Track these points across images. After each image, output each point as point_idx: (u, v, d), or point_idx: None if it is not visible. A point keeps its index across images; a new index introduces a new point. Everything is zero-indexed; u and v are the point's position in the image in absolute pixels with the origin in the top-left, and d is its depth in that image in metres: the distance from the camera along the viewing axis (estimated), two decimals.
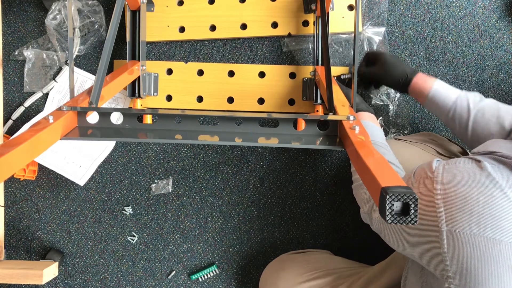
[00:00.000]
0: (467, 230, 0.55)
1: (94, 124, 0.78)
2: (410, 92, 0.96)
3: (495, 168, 0.58)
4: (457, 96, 0.89)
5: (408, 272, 0.75)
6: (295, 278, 1.00)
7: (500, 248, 0.53)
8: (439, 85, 0.92)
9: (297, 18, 1.13)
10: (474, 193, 0.56)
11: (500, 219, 0.54)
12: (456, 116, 0.88)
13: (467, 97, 0.88)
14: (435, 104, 0.91)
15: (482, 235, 0.54)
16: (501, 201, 0.54)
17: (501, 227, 0.54)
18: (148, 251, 1.21)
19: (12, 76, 1.19)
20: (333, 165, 1.18)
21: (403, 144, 1.00)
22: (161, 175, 1.20)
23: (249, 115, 0.76)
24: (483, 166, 0.58)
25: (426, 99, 0.92)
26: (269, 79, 1.15)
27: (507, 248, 0.53)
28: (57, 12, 1.13)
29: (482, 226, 0.54)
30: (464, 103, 0.87)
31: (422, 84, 0.93)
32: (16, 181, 1.20)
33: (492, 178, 0.56)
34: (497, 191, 0.55)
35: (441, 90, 0.91)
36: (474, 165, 0.60)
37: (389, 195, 0.48)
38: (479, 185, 0.57)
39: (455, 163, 0.62)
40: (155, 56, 1.18)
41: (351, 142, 0.66)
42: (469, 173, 0.59)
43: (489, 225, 0.54)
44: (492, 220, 0.54)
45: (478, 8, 1.15)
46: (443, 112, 0.90)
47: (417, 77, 0.94)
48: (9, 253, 1.22)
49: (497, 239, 0.53)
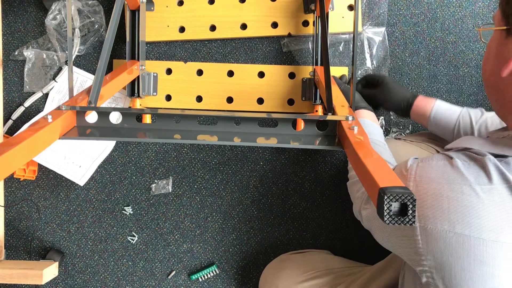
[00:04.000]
0: (438, 226, 0.56)
1: (93, 123, 0.78)
2: (412, 115, 0.99)
3: (465, 165, 0.58)
4: (459, 113, 0.92)
5: (405, 270, 0.76)
6: (294, 278, 1.00)
7: (470, 243, 0.54)
8: (439, 105, 0.94)
9: (297, 18, 1.13)
10: (444, 190, 0.57)
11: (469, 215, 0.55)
12: (461, 133, 0.90)
13: (468, 113, 0.91)
14: (439, 124, 0.94)
15: (453, 231, 0.55)
16: (469, 197, 0.55)
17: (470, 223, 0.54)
18: (148, 251, 1.21)
19: (12, 76, 1.19)
20: (333, 165, 1.18)
21: (403, 143, 1.00)
22: (161, 175, 1.20)
23: (248, 115, 0.76)
24: (454, 163, 0.59)
25: (429, 121, 0.95)
26: (268, 79, 1.15)
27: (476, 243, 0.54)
28: (57, 12, 1.14)
29: (452, 223, 0.55)
30: (467, 119, 0.90)
31: (423, 107, 0.96)
32: (16, 181, 1.20)
33: (462, 175, 0.57)
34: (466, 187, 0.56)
35: (443, 110, 0.94)
36: (446, 162, 0.61)
37: (387, 195, 0.48)
38: (449, 182, 0.57)
39: (429, 160, 0.63)
40: (155, 56, 1.18)
41: (350, 143, 0.66)
42: (440, 170, 0.60)
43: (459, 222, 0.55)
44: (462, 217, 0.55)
45: (478, 8, 1.15)
46: (448, 131, 0.93)
47: (417, 100, 0.97)
48: (9, 253, 1.22)
49: (466, 234, 0.54)
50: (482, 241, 0.54)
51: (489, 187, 0.55)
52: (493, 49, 0.63)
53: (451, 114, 0.92)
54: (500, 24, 0.61)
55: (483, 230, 0.54)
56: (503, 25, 0.60)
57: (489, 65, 0.64)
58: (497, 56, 0.62)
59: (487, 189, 0.55)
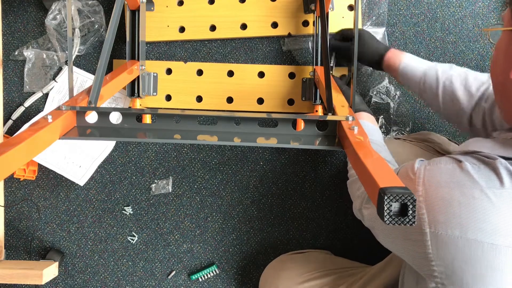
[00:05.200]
0: (449, 232, 0.55)
1: (93, 123, 0.78)
2: (383, 67, 0.99)
3: (475, 168, 0.57)
4: (427, 67, 0.90)
5: (405, 270, 0.75)
6: (295, 278, 1.00)
7: (482, 249, 0.53)
8: (409, 57, 0.94)
9: (297, 18, 1.13)
10: (455, 195, 0.56)
11: (481, 220, 0.53)
12: (427, 86, 0.89)
13: (436, 67, 0.89)
14: (406, 76, 0.93)
15: (464, 236, 0.54)
16: (481, 202, 0.54)
17: (482, 229, 0.53)
18: (148, 251, 1.21)
19: (12, 76, 1.19)
20: (333, 165, 1.18)
21: (402, 143, 1.01)
22: (161, 175, 1.20)
23: (248, 115, 0.76)
24: (464, 167, 0.58)
25: (398, 72, 0.94)
26: (268, 79, 1.15)
27: (489, 249, 0.53)
28: (57, 12, 1.14)
29: (464, 228, 0.54)
30: (433, 72, 0.89)
31: (393, 58, 0.95)
32: (16, 181, 1.20)
33: (472, 178, 0.56)
34: (477, 192, 0.54)
35: (412, 61, 0.93)
36: (455, 165, 0.59)
37: (387, 195, 0.48)
38: (460, 186, 0.56)
39: (436, 163, 0.62)
40: (155, 56, 1.18)
41: (350, 143, 0.66)
42: (450, 174, 0.58)
43: (470, 227, 0.54)
44: (473, 222, 0.54)
45: (478, 8, 1.15)
46: (414, 83, 0.92)
47: (389, 52, 0.97)
48: (9, 253, 1.22)
49: (478, 240, 0.53)
50: (495, 247, 0.52)
51: (501, 191, 0.54)
52: (502, 49, 0.61)
53: (419, 67, 0.91)
54: (509, 25, 0.60)
55: (496, 236, 0.52)
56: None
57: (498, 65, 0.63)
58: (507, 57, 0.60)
59: (499, 193, 0.54)
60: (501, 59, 0.62)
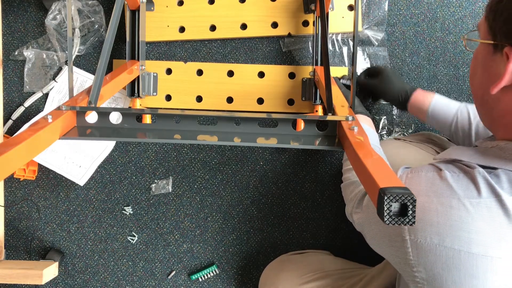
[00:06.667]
0: (428, 240, 0.55)
1: (93, 123, 0.78)
2: (409, 108, 0.98)
3: (455, 177, 0.57)
4: (457, 108, 0.90)
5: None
6: (295, 280, 1.00)
7: (460, 257, 0.53)
8: (438, 99, 0.93)
9: (297, 18, 1.13)
10: (433, 203, 0.56)
11: (458, 229, 0.54)
12: (459, 128, 0.89)
13: (467, 108, 0.89)
14: (436, 119, 0.93)
15: (442, 244, 0.54)
16: (458, 211, 0.54)
17: (459, 237, 0.53)
18: (148, 251, 1.21)
19: (12, 76, 1.19)
20: (333, 165, 1.18)
21: (402, 143, 1.01)
22: (161, 175, 1.20)
23: (248, 115, 0.76)
24: (444, 175, 0.58)
25: (427, 114, 0.94)
26: (268, 79, 1.15)
27: (466, 257, 0.53)
28: (57, 12, 1.14)
29: (441, 236, 0.54)
30: (465, 115, 0.89)
31: (421, 100, 0.94)
32: (16, 181, 1.20)
33: (451, 188, 0.56)
34: (455, 201, 0.55)
35: (441, 104, 0.92)
36: (435, 174, 0.60)
37: (387, 195, 0.48)
38: (438, 195, 0.56)
39: (418, 171, 0.62)
40: (155, 56, 1.18)
41: (350, 143, 0.66)
42: (429, 182, 0.59)
43: (448, 235, 0.54)
44: (451, 231, 0.54)
45: (478, 8, 1.15)
46: (445, 126, 0.92)
47: (416, 93, 0.96)
48: (9, 253, 1.22)
49: (456, 249, 0.54)
50: (471, 256, 0.53)
51: (477, 201, 0.54)
52: (480, 61, 0.61)
53: (449, 109, 0.91)
54: (486, 37, 0.58)
55: (472, 245, 0.53)
56: (489, 38, 0.57)
57: (476, 79, 0.62)
58: (485, 71, 0.59)
59: (475, 203, 0.54)
60: (479, 72, 0.61)
